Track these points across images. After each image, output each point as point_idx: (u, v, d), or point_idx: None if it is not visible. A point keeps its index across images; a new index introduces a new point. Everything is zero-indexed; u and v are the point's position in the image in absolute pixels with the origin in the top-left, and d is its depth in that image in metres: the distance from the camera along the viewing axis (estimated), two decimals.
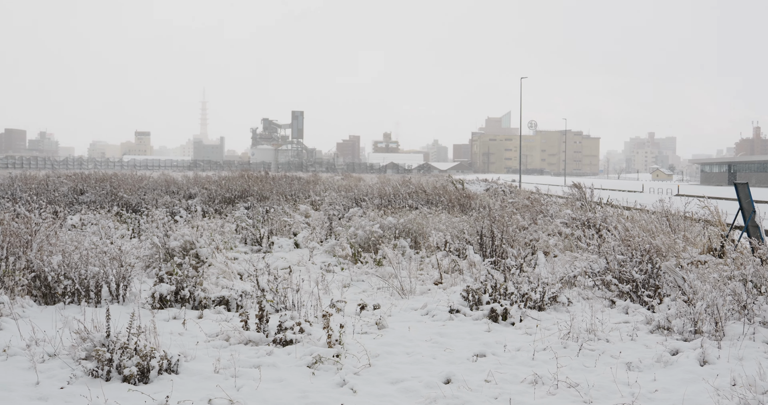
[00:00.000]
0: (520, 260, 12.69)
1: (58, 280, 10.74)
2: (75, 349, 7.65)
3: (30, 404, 6.50)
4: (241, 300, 10.79)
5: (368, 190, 28.19)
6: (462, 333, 9.31)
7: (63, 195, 25.54)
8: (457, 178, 35.99)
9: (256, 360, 7.88)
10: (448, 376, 7.37)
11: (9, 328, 8.94)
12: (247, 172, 39.51)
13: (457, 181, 32.12)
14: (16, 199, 23.10)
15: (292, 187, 31.65)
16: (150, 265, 13.66)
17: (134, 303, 10.91)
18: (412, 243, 15.93)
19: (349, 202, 24.91)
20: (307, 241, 17.73)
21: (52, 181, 29.50)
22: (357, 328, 9.42)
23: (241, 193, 27.51)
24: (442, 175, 60.73)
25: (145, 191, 27.43)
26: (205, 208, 23.92)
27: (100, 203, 24.20)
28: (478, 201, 23.70)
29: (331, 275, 13.54)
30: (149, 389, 6.89)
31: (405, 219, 16.70)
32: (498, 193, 31.05)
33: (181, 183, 32.53)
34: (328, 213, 20.98)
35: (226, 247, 15.78)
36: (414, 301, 11.34)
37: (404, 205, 22.99)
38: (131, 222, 19.78)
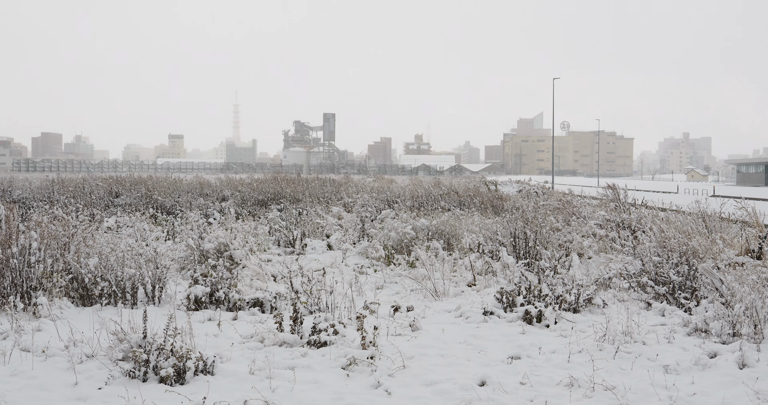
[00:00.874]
0: (554, 262, 12.61)
1: (95, 282, 10.87)
2: (112, 350, 7.74)
3: (69, 404, 6.58)
4: (275, 302, 10.84)
5: (400, 191, 28.19)
6: (496, 335, 9.27)
7: (99, 198, 25.86)
8: (490, 180, 35.85)
9: (290, 361, 7.91)
10: (483, 379, 7.34)
11: (48, 329, 9.07)
12: (280, 174, 39.73)
13: (489, 183, 32.01)
14: (53, 202, 23.43)
15: (325, 189, 31.75)
16: (185, 267, 13.78)
17: (170, 304, 11.02)
18: (444, 245, 15.90)
19: (381, 204, 24.93)
20: (340, 242, 17.77)
21: (89, 184, 29.88)
22: (391, 329, 9.41)
23: (273, 196, 27.65)
24: (473, 177, 60.58)
25: (179, 194, 27.68)
26: (238, 210, 24.08)
27: (135, 206, 24.46)
28: (511, 202, 23.60)
29: (365, 277, 13.55)
30: (186, 390, 6.95)
31: (438, 221, 16.67)
32: (531, 195, 30.89)
33: (215, 185, 32.77)
34: (361, 215, 21.01)
35: (260, 249, 15.86)
36: (447, 303, 11.31)
37: (436, 207, 22.96)
38: (166, 224, 19.96)
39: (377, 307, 10.27)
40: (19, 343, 8.28)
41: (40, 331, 9.00)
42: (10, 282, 10.17)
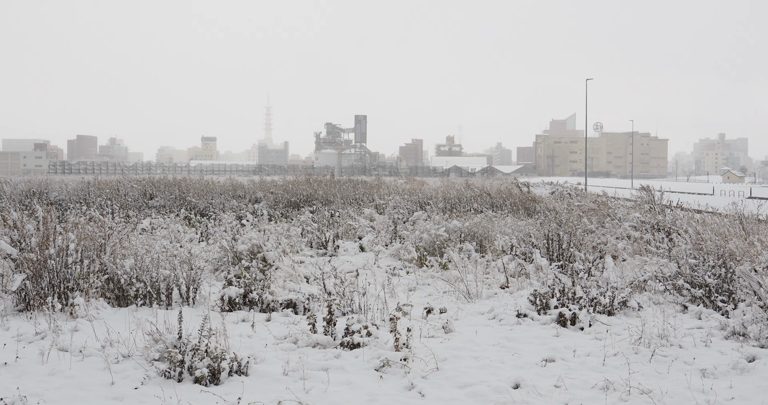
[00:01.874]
0: (588, 264, 12.52)
1: (131, 283, 10.99)
2: (148, 350, 7.81)
3: (106, 404, 6.66)
4: (308, 303, 10.88)
5: (432, 193, 28.15)
6: (530, 337, 9.22)
7: (134, 199, 26.14)
8: (522, 181, 35.68)
9: (324, 363, 7.92)
10: (517, 381, 7.30)
11: (85, 330, 9.18)
12: (312, 176, 39.88)
13: (522, 184, 31.85)
14: (89, 204, 23.72)
15: (357, 191, 31.79)
16: (218, 268, 13.87)
17: (204, 305, 11.10)
18: (477, 246, 15.84)
19: (413, 205, 24.91)
20: (372, 244, 17.79)
21: (123, 186, 30.20)
22: (424, 331, 9.40)
23: (306, 197, 27.75)
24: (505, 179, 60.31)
25: (213, 196, 27.88)
26: (271, 212, 24.19)
27: (169, 207, 24.68)
28: (544, 204, 23.46)
29: (397, 279, 13.54)
30: (220, 390, 7.00)
31: (470, 222, 16.62)
32: (564, 196, 30.69)
33: (247, 187, 32.96)
34: (393, 217, 21.01)
35: (293, 251, 15.92)
36: (480, 305, 11.27)
37: (469, 209, 22.90)
38: (199, 226, 20.12)
39: (410, 308, 10.27)
40: (56, 342, 8.39)
41: (77, 331, 9.11)
42: (48, 282, 10.31)
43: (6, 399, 6.41)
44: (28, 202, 24.55)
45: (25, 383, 7.05)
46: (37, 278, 10.30)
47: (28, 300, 10.27)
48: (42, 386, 7.01)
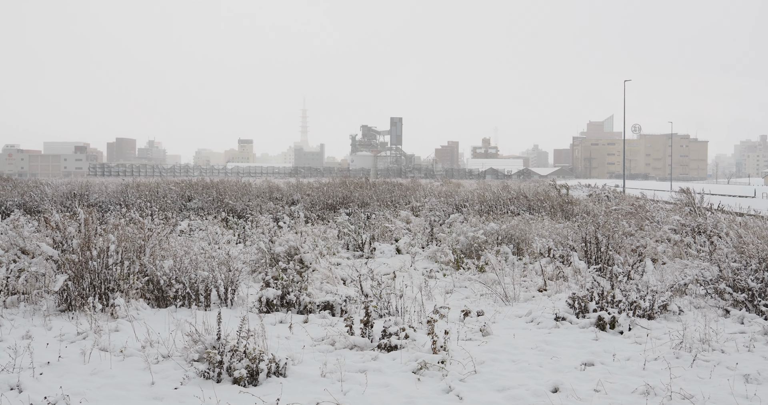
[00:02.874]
0: (627, 267, 12.38)
1: (170, 284, 11.10)
2: (187, 351, 7.88)
3: (146, 403, 6.73)
4: (345, 305, 10.91)
5: (468, 195, 28.06)
6: (568, 341, 9.14)
7: (172, 201, 26.40)
8: (560, 184, 35.42)
9: (361, 365, 7.93)
10: (556, 385, 7.24)
11: (125, 330, 9.29)
12: (348, 178, 39.96)
13: (559, 187, 31.63)
14: (129, 206, 24.02)
15: (392, 193, 31.81)
16: (256, 269, 13.96)
17: (242, 307, 11.18)
18: (514, 249, 15.76)
19: (449, 208, 24.85)
20: (409, 246, 17.78)
21: (162, 188, 30.53)
22: (461, 334, 9.37)
23: (342, 200, 27.82)
24: (542, 181, 59.93)
25: (250, 198, 28.07)
26: (307, 214, 24.29)
27: (207, 209, 24.89)
28: (582, 207, 23.27)
29: (434, 281, 13.51)
30: (259, 391, 7.03)
31: (507, 225, 16.53)
32: (601, 199, 30.42)
33: (284, 190, 33.16)
34: (429, 219, 20.98)
35: (329, 253, 15.97)
36: (518, 308, 11.20)
37: (505, 211, 22.78)
38: (237, 228, 20.26)
39: (447, 311, 10.23)
40: (98, 342, 8.50)
41: (118, 332, 9.23)
42: (89, 283, 10.46)
43: (50, 397, 6.51)
44: (69, 203, 24.91)
45: (67, 382, 7.16)
46: (79, 279, 10.45)
47: (69, 300, 10.43)
48: (84, 385, 7.11)
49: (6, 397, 6.62)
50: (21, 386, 6.93)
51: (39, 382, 7.12)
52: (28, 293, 10.82)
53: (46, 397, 6.50)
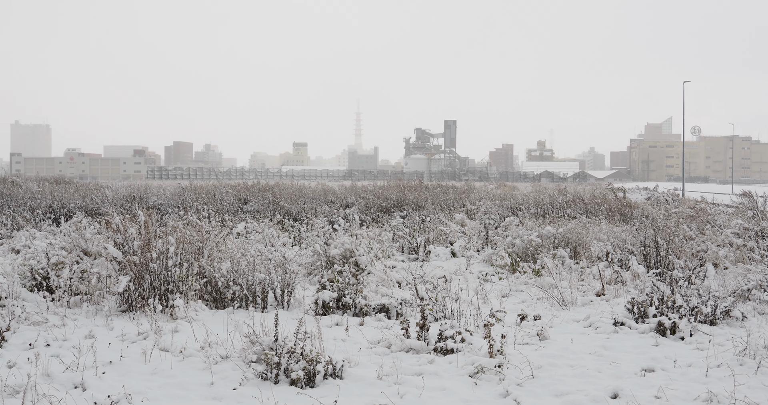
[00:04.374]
0: (687, 272, 12.14)
1: (228, 286, 11.24)
2: (245, 352, 7.97)
3: (206, 403, 6.82)
4: (400, 308, 10.91)
5: (524, 199, 27.84)
6: (628, 346, 8.99)
7: (229, 204, 26.72)
8: (617, 187, 34.91)
9: (417, 368, 7.92)
10: (615, 391, 7.13)
11: (184, 331, 9.43)
12: (402, 181, 39.98)
13: (616, 190, 31.18)
14: (186, 208, 24.39)
15: (447, 196, 31.70)
16: (311, 272, 14.04)
17: (298, 309, 11.26)
18: (571, 253, 15.58)
19: (504, 211, 24.68)
20: (464, 250, 17.70)
21: (218, 191, 30.93)
22: (518, 338, 9.29)
23: (396, 202, 27.82)
24: (599, 184, 59.16)
25: (305, 201, 28.25)
26: (362, 217, 24.35)
27: (263, 212, 25.12)
28: (640, 210, 22.89)
29: (489, 285, 13.43)
30: (316, 393, 7.07)
31: (563, 228, 16.35)
32: (660, 202, 29.89)
33: (338, 192, 33.29)
34: (484, 222, 20.87)
35: (384, 256, 15.98)
36: (575, 313, 11.07)
37: (562, 215, 22.53)
38: (292, 230, 20.41)
39: (503, 315, 10.16)
40: (158, 343, 8.65)
41: (177, 332, 9.37)
42: (149, 284, 10.64)
43: (113, 396, 6.64)
44: (128, 206, 25.39)
45: (129, 381, 7.29)
46: (139, 280, 10.64)
47: (131, 301, 10.63)
48: (145, 385, 7.24)
49: (71, 395, 6.78)
50: (85, 385, 7.09)
51: (102, 380, 7.27)
52: (90, 294, 11.06)
53: (109, 396, 6.64)
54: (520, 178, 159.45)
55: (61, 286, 11.04)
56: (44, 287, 11.47)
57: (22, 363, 7.76)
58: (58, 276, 11.30)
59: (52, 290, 11.31)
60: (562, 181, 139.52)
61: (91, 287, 11.06)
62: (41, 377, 7.25)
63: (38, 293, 11.15)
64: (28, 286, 11.43)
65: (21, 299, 10.71)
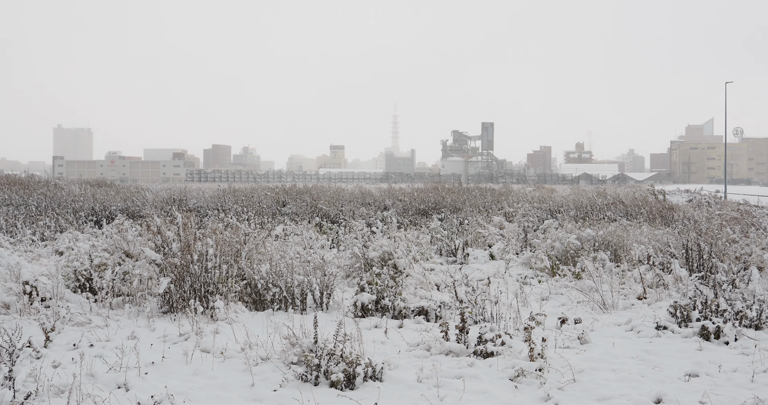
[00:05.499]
0: (731, 275, 11.94)
1: (267, 288, 11.30)
2: (285, 353, 8.00)
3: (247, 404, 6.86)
4: (439, 311, 10.88)
5: (562, 201, 27.63)
6: (670, 351, 8.86)
7: (267, 207, 26.89)
8: (658, 189, 34.50)
9: (457, 371, 7.89)
10: (659, 396, 7.03)
11: (225, 332, 9.50)
12: (439, 183, 39.91)
13: (657, 192, 30.80)
14: (226, 211, 24.58)
15: (485, 198, 31.57)
16: (350, 274, 14.07)
17: (337, 311, 11.29)
18: (611, 256, 15.42)
19: (543, 213, 24.51)
20: (503, 252, 17.61)
21: (257, 194, 31.13)
22: (558, 342, 9.22)
23: (434, 205, 27.77)
24: (638, 186, 58.49)
25: (342, 203, 28.31)
26: (400, 219, 24.35)
27: (301, 215, 25.24)
28: (681, 213, 22.59)
29: (529, 288, 13.34)
30: (356, 395, 7.07)
31: (604, 231, 16.19)
32: (702, 205, 29.47)
33: (376, 195, 33.31)
34: (523, 225, 20.74)
35: (423, 258, 15.95)
36: (617, 316, 10.94)
37: (602, 217, 22.32)
38: (330, 233, 20.47)
39: (543, 318, 10.07)
40: (199, 344, 8.72)
41: (218, 334, 9.44)
42: (190, 286, 10.74)
43: (156, 397, 6.70)
44: (168, 208, 25.67)
45: (171, 382, 7.36)
46: (180, 282, 10.75)
47: (171, 302, 10.73)
48: (187, 385, 7.30)
49: (114, 395, 6.86)
50: (128, 385, 7.17)
51: (144, 381, 7.35)
52: (132, 295, 11.19)
53: (152, 396, 6.70)
54: (558, 181, 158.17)
55: (104, 287, 11.20)
56: (87, 288, 11.64)
57: (66, 363, 7.88)
58: (101, 277, 11.46)
59: (95, 291, 11.47)
60: (600, 183, 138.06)
61: (133, 289, 11.20)
62: (85, 377, 7.34)
63: (82, 294, 11.32)
64: (72, 288, 11.61)
65: (65, 300, 10.86)
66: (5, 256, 13.33)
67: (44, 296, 10.61)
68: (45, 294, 10.62)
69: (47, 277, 10.98)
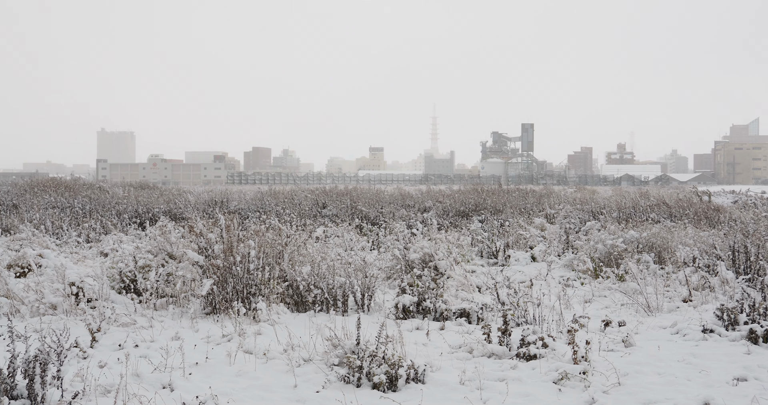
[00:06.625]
0: None
1: (309, 289, 11.34)
2: (327, 355, 8.02)
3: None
4: (481, 313, 10.82)
5: (605, 202, 27.35)
6: (718, 354, 8.70)
7: (308, 209, 27.02)
8: (702, 190, 33.98)
9: (500, 373, 7.83)
10: (706, 400, 6.91)
11: (267, 333, 9.55)
12: (479, 185, 39.75)
13: (702, 193, 30.34)
14: (267, 213, 24.74)
15: (525, 200, 31.39)
16: (390, 276, 14.06)
17: (378, 313, 11.28)
18: (655, 258, 15.21)
19: (585, 215, 24.28)
20: (544, 254, 17.48)
21: (297, 196, 31.31)
22: (602, 345, 9.10)
23: (474, 207, 27.68)
24: (682, 187, 57.70)
25: (382, 205, 28.34)
26: (440, 221, 24.30)
27: (341, 216, 25.30)
28: (727, 214, 22.22)
29: (571, 290, 13.21)
30: (399, 397, 7.06)
31: (647, 233, 15.98)
32: (748, 206, 28.95)
33: (416, 197, 33.29)
34: (564, 226, 20.56)
35: (464, 260, 15.90)
36: (661, 319, 10.79)
37: (645, 219, 22.03)
38: (370, 235, 20.49)
39: (586, 321, 9.98)
40: (242, 345, 8.77)
41: (260, 335, 9.49)
42: (232, 288, 10.82)
43: (200, 397, 6.76)
44: (210, 210, 25.92)
45: (215, 383, 7.42)
46: (223, 283, 10.83)
47: (214, 304, 10.82)
48: (230, 386, 7.35)
49: (159, 395, 6.93)
50: (172, 385, 7.24)
51: (189, 381, 7.42)
52: (176, 296, 11.31)
53: (197, 397, 6.76)
54: (600, 182, 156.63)
55: (148, 288, 11.33)
56: (132, 289, 11.79)
57: (112, 363, 7.98)
58: (145, 279, 11.60)
59: (140, 292, 11.61)
60: (643, 184, 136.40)
61: (177, 290, 11.32)
62: (131, 377, 7.44)
63: (126, 295, 11.46)
64: (117, 289, 11.76)
65: (110, 301, 11.02)
66: (52, 258, 13.58)
67: (90, 297, 10.78)
68: (91, 295, 10.79)
69: (93, 278, 11.15)
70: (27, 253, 13.59)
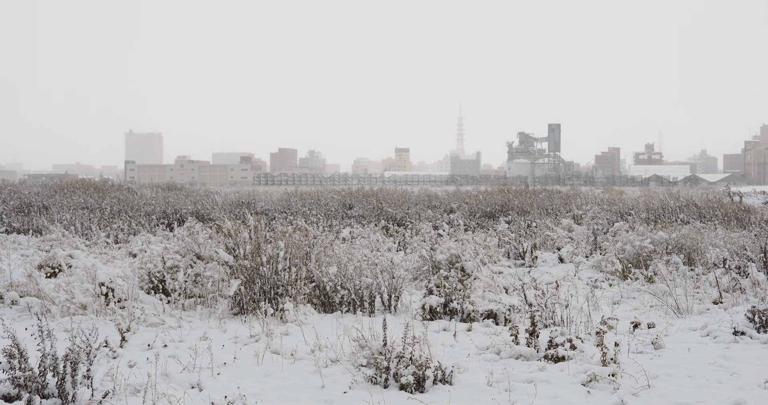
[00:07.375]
0: None
1: (336, 290, 11.36)
2: (354, 355, 8.02)
3: None
4: (509, 314, 10.77)
5: (633, 203, 27.13)
6: (749, 357, 8.59)
7: (334, 210, 27.07)
8: (733, 190, 33.61)
9: (528, 375, 7.79)
10: (738, 403, 6.83)
11: (294, 334, 9.58)
12: (506, 186, 39.62)
13: (733, 194, 30.00)
14: (294, 214, 24.83)
15: (552, 200, 31.23)
16: (417, 277, 14.03)
17: (405, 314, 11.27)
18: (685, 259, 15.06)
19: (612, 216, 24.11)
20: (572, 255, 17.37)
21: (324, 197, 31.39)
22: (631, 347, 9.02)
23: (501, 207, 27.59)
24: (711, 188, 57.10)
25: (408, 206, 28.33)
26: (466, 222, 24.24)
27: (368, 217, 25.33)
28: (758, 215, 21.95)
29: (600, 291, 13.11)
30: (426, 398, 7.05)
31: (677, 234, 15.83)
32: None
33: (442, 197, 33.26)
34: (592, 227, 20.42)
35: (490, 261, 15.84)
36: (691, 321, 10.67)
37: (674, 220, 21.83)
38: (397, 235, 20.48)
39: (615, 322, 9.90)
40: (270, 345, 8.81)
41: (288, 335, 9.53)
42: (260, 288, 10.86)
43: (229, 397, 6.79)
44: (237, 211, 26.06)
45: (243, 382, 7.46)
46: (250, 284, 10.87)
47: (242, 304, 10.87)
48: (258, 386, 7.38)
49: (188, 395, 6.97)
50: (201, 385, 7.29)
51: (217, 381, 7.46)
52: (204, 297, 11.38)
53: (226, 396, 6.79)
54: (627, 182, 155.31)
55: (177, 289, 11.42)
56: (160, 290, 11.88)
57: (141, 363, 8.04)
58: (173, 279, 11.68)
59: (168, 293, 11.69)
60: (671, 185, 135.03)
61: (205, 290, 11.38)
62: (160, 377, 7.49)
63: (155, 296, 11.55)
64: (146, 289, 11.86)
65: (139, 301, 11.11)
66: (82, 258, 13.73)
67: (119, 297, 10.87)
68: (120, 295, 10.88)
69: (122, 278, 11.25)
70: (57, 254, 13.76)
